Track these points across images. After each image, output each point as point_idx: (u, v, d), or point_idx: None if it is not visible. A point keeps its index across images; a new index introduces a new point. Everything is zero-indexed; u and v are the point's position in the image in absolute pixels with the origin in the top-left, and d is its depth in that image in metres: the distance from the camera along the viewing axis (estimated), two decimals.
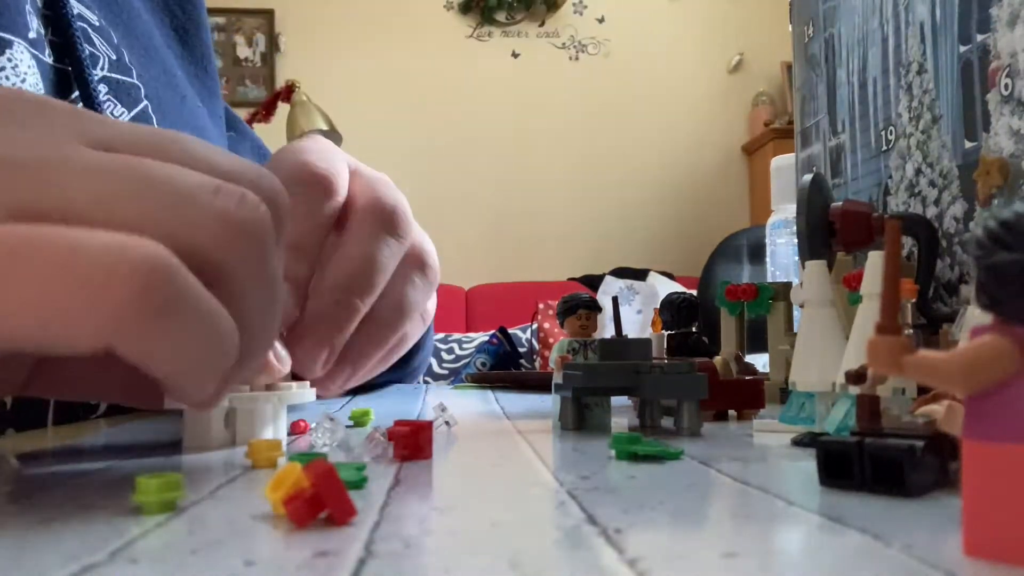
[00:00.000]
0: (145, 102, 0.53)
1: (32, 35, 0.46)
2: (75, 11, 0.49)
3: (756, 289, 0.62)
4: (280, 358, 0.35)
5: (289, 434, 0.41)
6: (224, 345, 0.25)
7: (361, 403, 0.59)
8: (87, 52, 0.48)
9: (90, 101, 0.47)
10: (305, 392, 0.37)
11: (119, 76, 0.51)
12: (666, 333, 0.60)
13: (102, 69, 0.50)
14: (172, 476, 0.23)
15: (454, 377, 2.71)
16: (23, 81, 0.44)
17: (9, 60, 0.44)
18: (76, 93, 0.48)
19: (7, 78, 0.43)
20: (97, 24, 0.52)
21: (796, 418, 0.38)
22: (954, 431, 0.25)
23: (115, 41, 0.53)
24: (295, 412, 0.51)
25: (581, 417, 0.42)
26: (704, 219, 3.55)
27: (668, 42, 3.68)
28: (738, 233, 2.95)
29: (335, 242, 0.42)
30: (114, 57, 0.52)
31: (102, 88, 0.49)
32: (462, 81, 3.60)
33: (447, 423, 0.41)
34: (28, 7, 0.46)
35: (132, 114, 0.51)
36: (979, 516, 0.17)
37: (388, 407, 0.56)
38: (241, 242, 0.25)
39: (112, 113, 0.49)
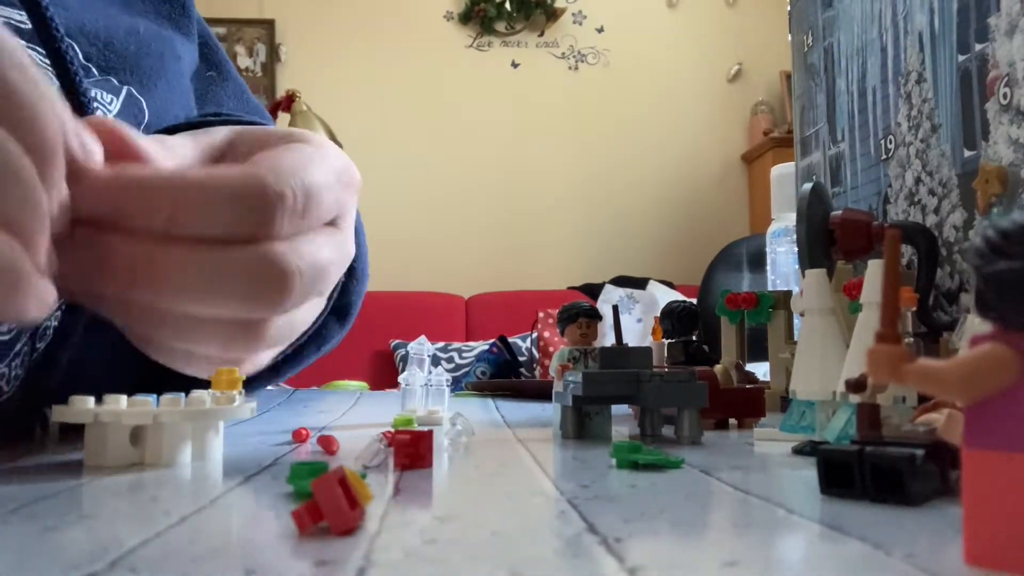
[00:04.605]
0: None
1: None
2: None
3: (756, 298, 0.62)
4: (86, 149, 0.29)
5: (291, 442, 0.41)
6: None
7: (364, 408, 0.59)
8: None
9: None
10: (235, 410, 0.34)
11: None
12: (666, 342, 0.60)
13: None
14: None
15: (454, 385, 2.70)
16: None
17: None
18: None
19: None
20: None
21: (797, 427, 0.38)
22: (954, 440, 0.25)
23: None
24: (295, 419, 0.51)
25: (581, 426, 0.42)
26: (704, 228, 3.55)
27: (667, 51, 3.68)
28: (738, 242, 2.95)
29: None
30: None
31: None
32: (462, 91, 3.61)
33: (463, 434, 0.40)
34: None
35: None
36: (979, 524, 0.17)
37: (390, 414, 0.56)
38: None
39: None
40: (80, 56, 0.48)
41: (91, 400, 0.32)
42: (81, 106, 0.42)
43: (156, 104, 0.51)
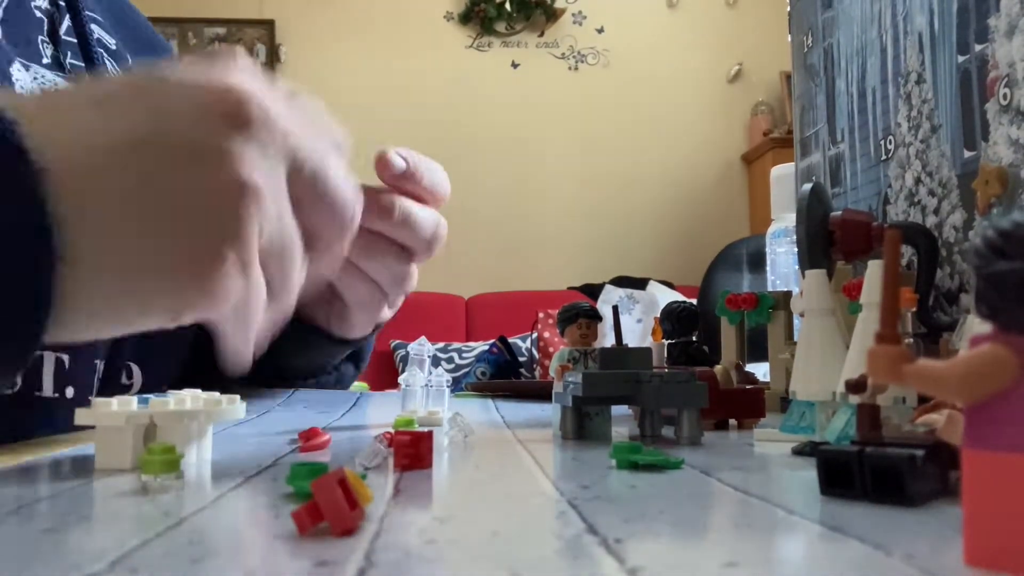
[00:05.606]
0: None
1: (46, 60, 0.53)
2: (95, 36, 0.56)
3: (756, 298, 0.62)
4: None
5: (298, 439, 0.41)
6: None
7: (364, 409, 0.59)
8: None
9: None
10: (235, 409, 0.35)
11: None
12: (666, 342, 0.60)
13: None
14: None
15: (454, 386, 2.71)
16: None
17: (33, 78, 0.51)
18: None
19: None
20: (114, 48, 0.57)
21: (797, 427, 0.38)
22: (954, 440, 0.25)
23: (129, 63, 0.57)
24: (295, 420, 0.51)
25: (581, 426, 0.42)
26: (704, 228, 3.55)
27: (667, 52, 3.68)
28: (738, 242, 2.95)
29: None
30: None
31: None
32: (462, 91, 3.61)
33: (464, 435, 0.41)
34: (41, 37, 0.54)
35: None
36: (980, 525, 0.17)
37: (391, 415, 0.56)
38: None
39: None
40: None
41: (115, 402, 0.32)
42: None
43: None
